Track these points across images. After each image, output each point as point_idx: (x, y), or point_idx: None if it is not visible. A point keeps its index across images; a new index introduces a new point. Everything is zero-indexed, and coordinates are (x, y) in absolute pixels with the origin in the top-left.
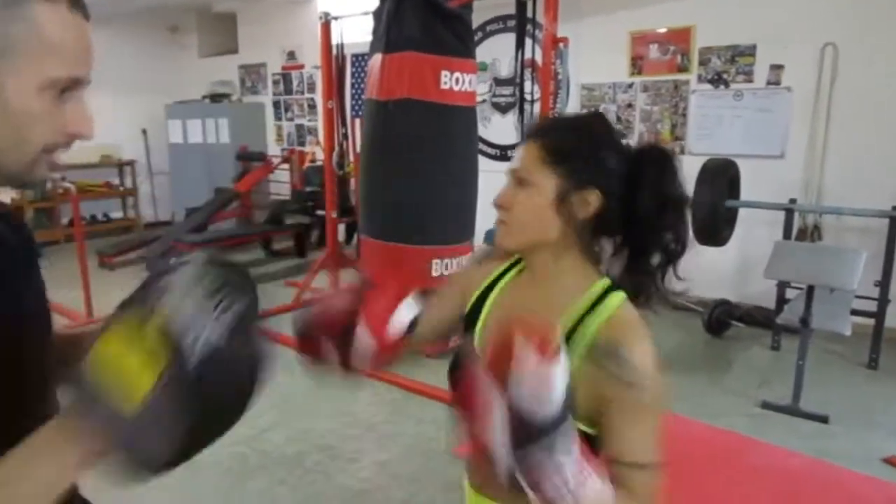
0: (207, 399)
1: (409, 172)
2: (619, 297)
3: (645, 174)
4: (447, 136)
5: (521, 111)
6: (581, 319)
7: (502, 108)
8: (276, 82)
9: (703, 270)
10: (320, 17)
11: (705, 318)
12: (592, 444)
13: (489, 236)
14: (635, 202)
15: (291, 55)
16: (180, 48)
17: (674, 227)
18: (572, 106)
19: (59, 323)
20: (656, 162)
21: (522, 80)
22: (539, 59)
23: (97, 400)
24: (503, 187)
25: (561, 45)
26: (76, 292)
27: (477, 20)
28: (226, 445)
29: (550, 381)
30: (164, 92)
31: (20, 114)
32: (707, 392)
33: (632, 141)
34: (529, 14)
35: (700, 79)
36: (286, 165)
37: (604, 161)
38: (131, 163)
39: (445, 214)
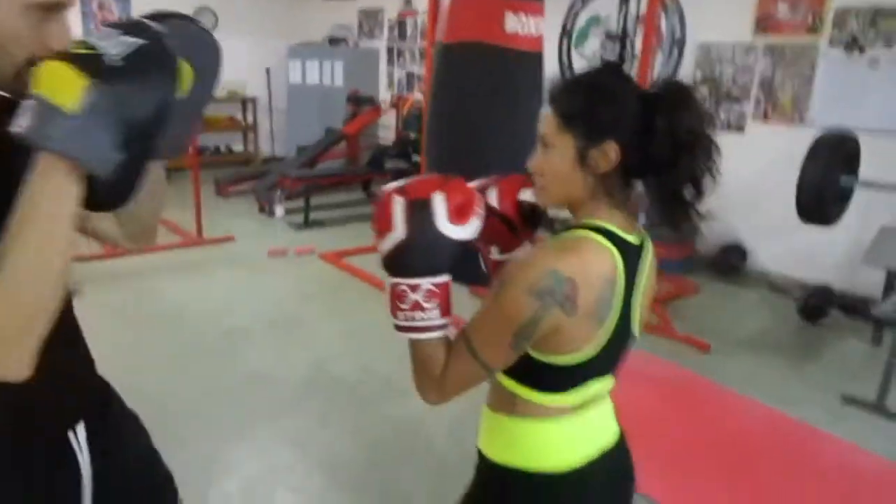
0: (134, 90)
1: (471, 116)
2: (582, 231)
3: (655, 117)
4: (511, 84)
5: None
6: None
7: None
8: (391, 28)
9: (804, 251)
10: None
11: (801, 302)
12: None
13: None
14: (648, 146)
15: (408, 2)
16: None
17: (689, 166)
18: (686, 66)
19: (170, 239)
20: (668, 102)
21: (625, 36)
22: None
23: (44, 111)
24: (535, 152)
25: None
26: (190, 214)
27: None
28: (296, 367)
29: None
30: (288, 34)
31: (5, 31)
32: (787, 379)
33: (742, 106)
34: None
35: (832, 42)
36: (394, 111)
37: (614, 113)
38: (254, 100)
39: (503, 166)
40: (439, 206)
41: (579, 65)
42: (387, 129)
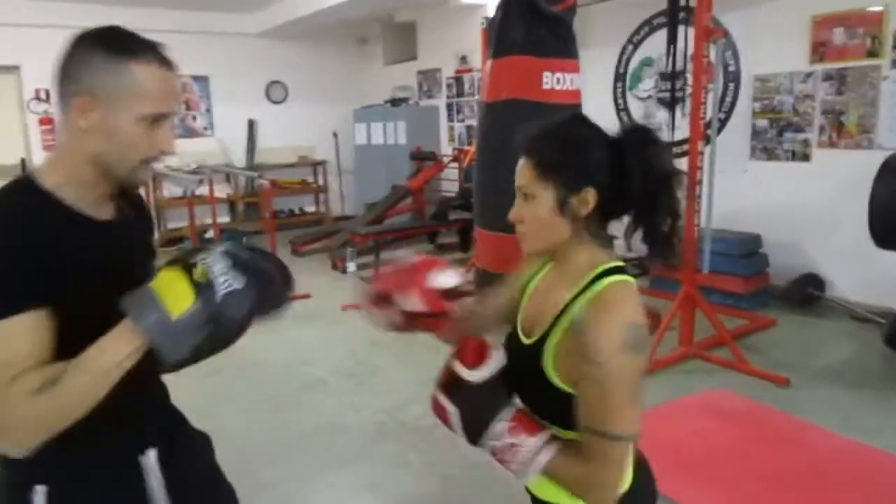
0: (222, 320)
1: (511, 167)
2: (610, 279)
3: (626, 160)
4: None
5: (672, 108)
6: (574, 299)
7: (667, 104)
8: (449, 86)
9: (886, 277)
10: (481, 24)
11: (886, 330)
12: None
13: None
14: (625, 187)
15: (463, 59)
16: (368, 57)
17: (668, 201)
18: (743, 100)
19: None
20: (634, 144)
21: (674, 76)
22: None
23: (154, 305)
24: (516, 203)
25: (715, 37)
26: None
27: (642, 15)
28: (370, 413)
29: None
30: (353, 98)
31: (124, 138)
32: (869, 409)
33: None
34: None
35: (894, 64)
36: (455, 164)
37: (588, 161)
38: (323, 163)
39: None
40: (458, 368)
41: (634, 106)
42: (450, 182)
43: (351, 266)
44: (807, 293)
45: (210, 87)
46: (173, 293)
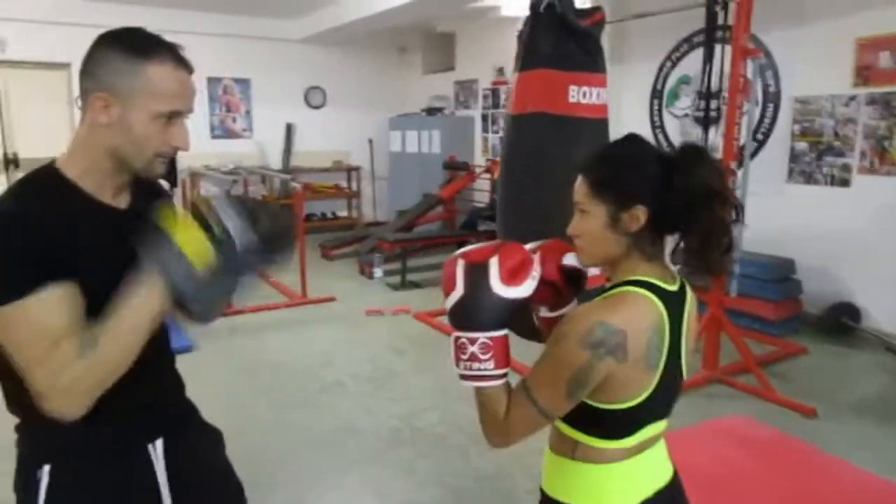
0: (241, 270)
1: (535, 179)
2: (625, 287)
3: (673, 179)
4: (573, 145)
5: (706, 128)
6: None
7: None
8: (485, 97)
9: None
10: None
11: None
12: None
13: None
14: (671, 204)
15: (500, 71)
16: (407, 66)
17: (708, 218)
18: (782, 121)
19: (278, 299)
20: (683, 162)
21: (709, 95)
22: (744, 72)
23: (179, 260)
24: (574, 217)
25: (752, 56)
26: (296, 276)
27: (681, 32)
28: (385, 419)
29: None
30: (390, 106)
31: (139, 134)
32: None
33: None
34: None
35: None
36: (487, 175)
37: (637, 179)
38: (357, 168)
39: (566, 220)
40: (493, 268)
41: (671, 124)
42: (482, 193)
43: (378, 272)
44: (840, 322)
45: (251, 89)
46: (195, 247)
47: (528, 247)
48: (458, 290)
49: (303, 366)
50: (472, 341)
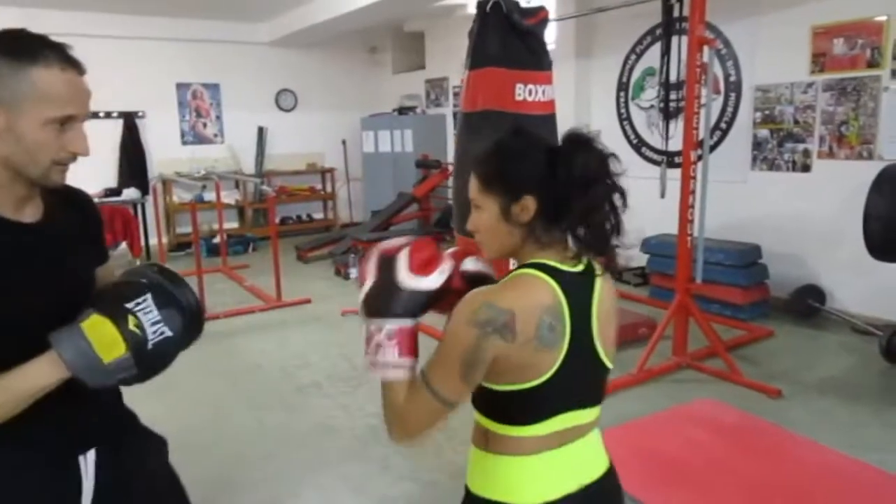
0: (150, 363)
1: None
2: (521, 270)
3: (556, 169)
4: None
5: (667, 118)
6: None
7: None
8: (456, 94)
9: (888, 289)
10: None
11: (883, 342)
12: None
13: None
14: (555, 193)
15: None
16: (377, 66)
17: (584, 204)
18: (744, 110)
19: (253, 303)
20: (565, 151)
21: (668, 86)
22: (701, 63)
23: (85, 350)
24: (471, 214)
25: (710, 46)
26: (271, 279)
27: (645, 25)
28: (361, 417)
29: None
30: (362, 106)
31: (30, 142)
32: (866, 424)
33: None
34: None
35: (895, 74)
36: None
37: (523, 171)
38: (331, 170)
39: None
40: (402, 260)
41: (637, 116)
42: None
43: (353, 272)
44: (807, 305)
45: (221, 94)
46: (106, 341)
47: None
48: (370, 280)
49: (279, 368)
50: (379, 329)
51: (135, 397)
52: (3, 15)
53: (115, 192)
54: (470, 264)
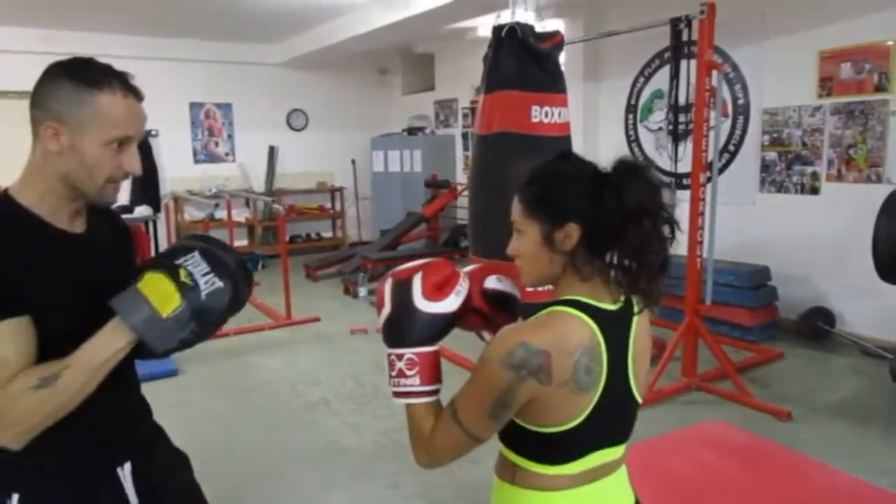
0: (206, 315)
1: (502, 197)
2: (554, 307)
3: (604, 196)
4: (537, 163)
5: (675, 141)
6: None
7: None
8: (465, 115)
9: (894, 312)
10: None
11: (893, 365)
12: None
13: None
14: (600, 223)
15: (479, 90)
16: (387, 87)
17: (637, 236)
18: (752, 133)
19: (263, 321)
20: (615, 179)
21: (677, 109)
22: (710, 86)
23: (143, 306)
24: (512, 237)
25: (717, 70)
26: (281, 297)
27: (653, 48)
28: (370, 435)
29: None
30: (371, 126)
31: (91, 161)
32: (877, 447)
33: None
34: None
35: None
36: None
37: (569, 197)
38: (341, 189)
39: None
40: (417, 284)
41: (645, 138)
42: (464, 210)
43: (362, 291)
44: (816, 327)
45: (233, 113)
46: (161, 294)
47: (464, 270)
48: (386, 307)
49: (288, 385)
50: (400, 357)
51: None
52: (26, 36)
53: (128, 209)
54: (492, 283)
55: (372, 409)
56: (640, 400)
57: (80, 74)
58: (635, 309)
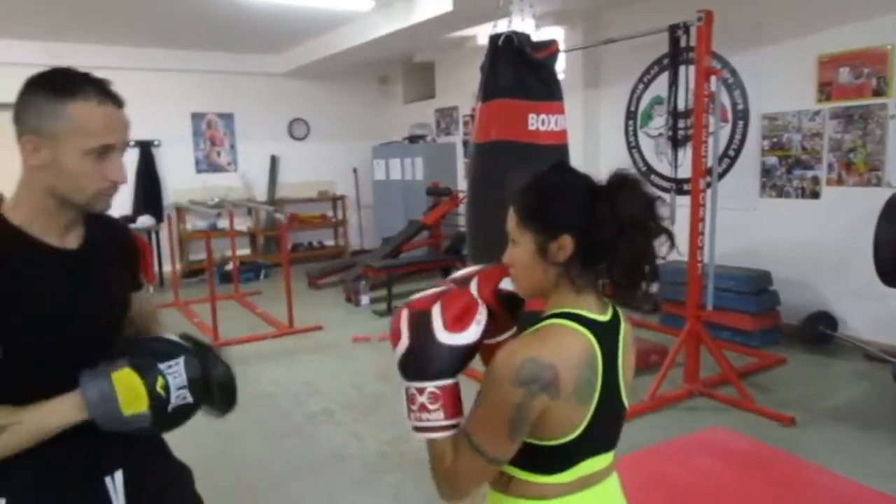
0: (165, 423)
1: (498, 204)
2: (552, 320)
3: (598, 209)
4: (534, 170)
5: (675, 147)
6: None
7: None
8: (465, 123)
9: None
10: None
11: (894, 368)
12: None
13: None
14: (594, 235)
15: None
16: (388, 96)
17: (627, 248)
18: (752, 138)
19: (265, 330)
20: (609, 191)
21: (676, 115)
22: (709, 92)
23: (110, 398)
24: (508, 247)
25: (716, 76)
26: (283, 306)
27: (652, 55)
28: (373, 444)
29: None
30: (373, 135)
31: (72, 173)
32: (880, 452)
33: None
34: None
35: None
36: None
37: (563, 208)
38: (342, 197)
39: None
40: (436, 316)
41: (645, 144)
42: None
43: (364, 299)
44: (818, 331)
45: (235, 123)
46: (131, 395)
47: (468, 270)
48: (404, 341)
49: (291, 394)
50: (421, 391)
51: None
52: (30, 48)
53: (130, 219)
54: (508, 284)
55: (375, 419)
56: (626, 405)
57: (53, 84)
58: (622, 319)
